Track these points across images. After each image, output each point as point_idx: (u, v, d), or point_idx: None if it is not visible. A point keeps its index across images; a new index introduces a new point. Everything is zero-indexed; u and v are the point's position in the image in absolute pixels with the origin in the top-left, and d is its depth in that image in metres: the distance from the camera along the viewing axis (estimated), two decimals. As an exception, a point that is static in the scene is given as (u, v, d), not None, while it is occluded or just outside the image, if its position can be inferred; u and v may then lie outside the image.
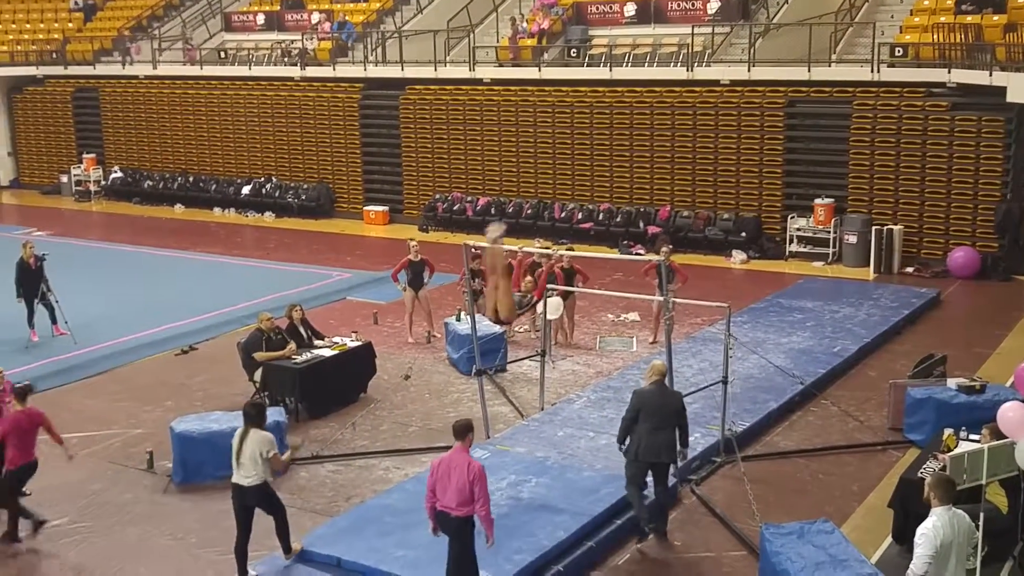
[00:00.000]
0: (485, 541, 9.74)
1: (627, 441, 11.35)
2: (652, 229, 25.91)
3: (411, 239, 20.21)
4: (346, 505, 12.35)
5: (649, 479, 11.42)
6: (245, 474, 10.49)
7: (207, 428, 13.26)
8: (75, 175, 36.38)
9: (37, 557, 11.56)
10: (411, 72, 30.33)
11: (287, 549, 10.84)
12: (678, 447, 11.53)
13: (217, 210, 32.99)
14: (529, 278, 16.97)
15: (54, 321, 19.22)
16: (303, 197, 31.70)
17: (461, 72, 29.61)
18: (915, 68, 24.15)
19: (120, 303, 21.67)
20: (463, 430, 9.85)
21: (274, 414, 13.17)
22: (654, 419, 11.14)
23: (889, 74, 24.22)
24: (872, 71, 24.31)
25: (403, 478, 12.95)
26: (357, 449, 14.11)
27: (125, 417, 15.37)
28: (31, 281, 18.93)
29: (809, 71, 24.97)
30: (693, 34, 26.62)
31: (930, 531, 8.32)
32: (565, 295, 17.76)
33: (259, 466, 10.44)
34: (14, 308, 19.10)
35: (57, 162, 37.61)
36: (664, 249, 18.04)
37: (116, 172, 35.76)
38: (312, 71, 32.35)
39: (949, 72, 23.24)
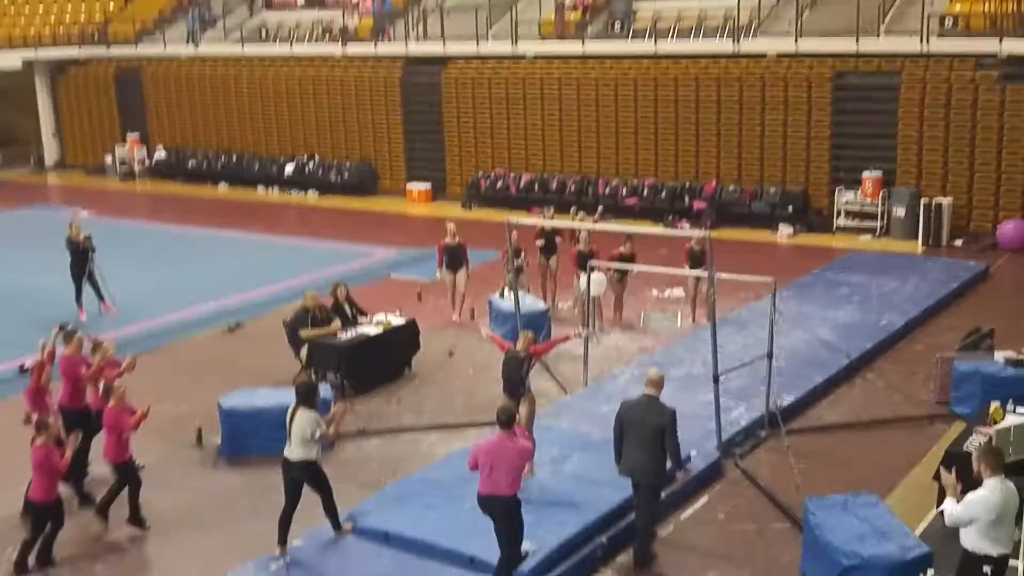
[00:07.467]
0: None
1: None
2: (697, 204, 25.78)
3: (449, 222, 19.93)
4: (392, 478, 12.39)
5: None
6: (293, 450, 10.56)
7: (254, 404, 13.42)
8: (119, 155, 36.68)
9: (93, 526, 11.70)
10: (452, 48, 30.25)
11: (336, 526, 10.90)
12: (668, 467, 10.52)
13: (261, 189, 33.14)
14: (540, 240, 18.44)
15: (101, 299, 19.43)
16: (346, 176, 31.80)
17: (503, 47, 29.48)
18: (965, 39, 23.81)
19: (166, 282, 21.85)
20: (509, 420, 9.75)
21: (320, 391, 13.20)
22: (634, 434, 10.34)
23: (939, 45, 23.90)
24: (921, 42, 23.99)
25: (448, 452, 12.99)
26: (403, 424, 14.18)
27: (174, 393, 15.47)
28: (78, 261, 19.15)
29: (857, 43, 24.65)
30: (739, 6, 26.28)
31: (979, 501, 8.20)
32: (620, 276, 17.81)
33: (306, 444, 10.49)
34: (63, 287, 19.33)
35: (101, 142, 37.91)
36: (697, 232, 18.01)
37: (160, 152, 36.05)
38: (353, 48, 32.38)
39: (1000, 42, 22.90)
